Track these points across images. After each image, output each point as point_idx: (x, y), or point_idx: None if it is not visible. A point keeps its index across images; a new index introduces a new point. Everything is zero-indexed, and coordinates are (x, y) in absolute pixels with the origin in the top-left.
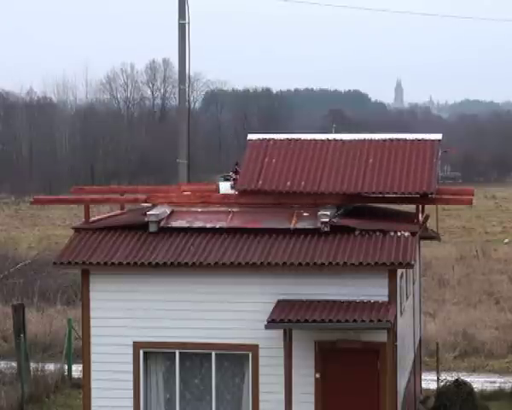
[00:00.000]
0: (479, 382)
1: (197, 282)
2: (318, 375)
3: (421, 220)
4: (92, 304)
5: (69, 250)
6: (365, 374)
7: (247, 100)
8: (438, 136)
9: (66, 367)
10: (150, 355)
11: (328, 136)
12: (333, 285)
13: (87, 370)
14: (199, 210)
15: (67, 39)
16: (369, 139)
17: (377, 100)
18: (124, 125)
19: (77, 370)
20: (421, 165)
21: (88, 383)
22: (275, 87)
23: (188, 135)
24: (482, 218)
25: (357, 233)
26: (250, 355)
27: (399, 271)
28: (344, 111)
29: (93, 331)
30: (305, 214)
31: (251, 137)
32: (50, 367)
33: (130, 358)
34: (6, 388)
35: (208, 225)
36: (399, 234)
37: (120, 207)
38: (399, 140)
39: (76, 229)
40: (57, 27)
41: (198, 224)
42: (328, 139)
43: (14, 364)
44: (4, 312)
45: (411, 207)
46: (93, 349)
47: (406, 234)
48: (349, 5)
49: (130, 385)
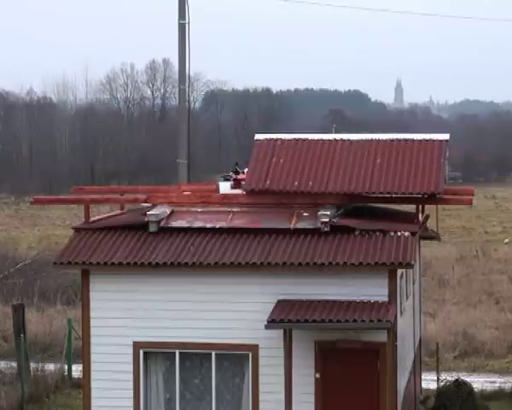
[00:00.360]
0: (479, 382)
1: (197, 282)
2: (318, 375)
3: (421, 220)
4: (92, 304)
5: (69, 250)
6: (365, 374)
7: (247, 100)
8: (445, 136)
9: (66, 367)
10: (150, 355)
11: (335, 136)
12: (333, 285)
13: (87, 370)
14: (199, 210)
15: (67, 39)
16: (377, 139)
17: (377, 100)
18: (124, 125)
19: (77, 370)
20: (428, 165)
21: (88, 383)
22: (275, 87)
23: (188, 135)
24: (482, 218)
25: (357, 233)
26: (250, 355)
27: (399, 271)
28: (344, 111)
29: (93, 331)
30: (305, 214)
31: (258, 136)
32: (50, 367)
33: (130, 358)
34: (6, 388)
35: (208, 225)
36: (399, 234)
37: (120, 207)
38: (407, 140)
39: (76, 229)
40: (57, 27)
41: (198, 224)
42: (335, 139)
43: (14, 364)
44: (4, 312)
45: (412, 207)
46: (93, 349)
47: (406, 234)
48: (349, 5)
49: (130, 385)
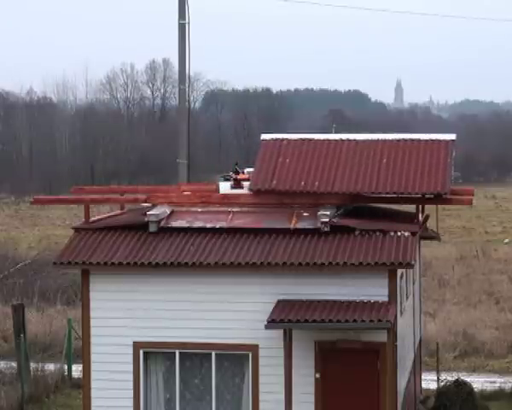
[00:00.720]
0: (479, 382)
1: (197, 282)
2: (318, 375)
3: (421, 220)
4: (92, 304)
5: (69, 250)
6: (365, 374)
7: (247, 100)
8: (452, 136)
9: (66, 367)
10: (150, 355)
11: (341, 136)
12: (333, 285)
13: (87, 370)
14: (199, 210)
15: (67, 39)
16: (383, 139)
17: (377, 100)
18: (124, 125)
19: (77, 370)
20: (435, 165)
21: (88, 383)
22: (275, 87)
23: (188, 135)
24: (482, 218)
25: (357, 233)
26: (250, 355)
27: (399, 271)
28: (344, 111)
29: (93, 331)
30: (305, 214)
31: (264, 136)
32: (50, 367)
33: (130, 358)
34: (6, 388)
35: (208, 225)
36: (399, 234)
37: (120, 207)
38: (413, 140)
39: (76, 229)
40: (57, 27)
41: (198, 224)
42: (341, 139)
43: (14, 364)
44: (4, 312)
45: (412, 206)
46: (93, 349)
47: (406, 234)
48: (349, 5)
49: (130, 385)
